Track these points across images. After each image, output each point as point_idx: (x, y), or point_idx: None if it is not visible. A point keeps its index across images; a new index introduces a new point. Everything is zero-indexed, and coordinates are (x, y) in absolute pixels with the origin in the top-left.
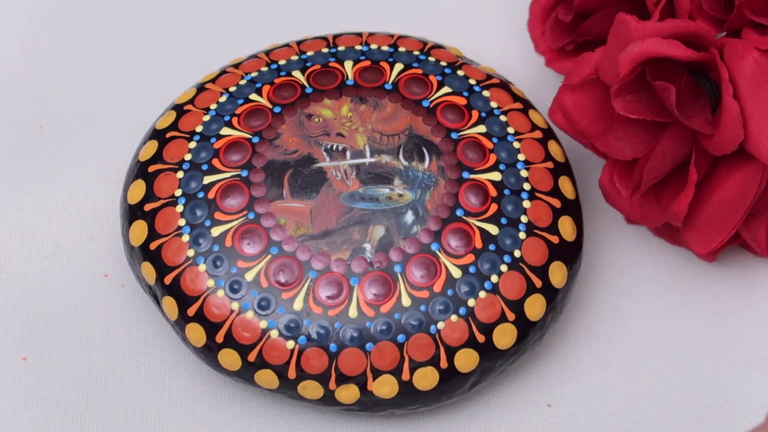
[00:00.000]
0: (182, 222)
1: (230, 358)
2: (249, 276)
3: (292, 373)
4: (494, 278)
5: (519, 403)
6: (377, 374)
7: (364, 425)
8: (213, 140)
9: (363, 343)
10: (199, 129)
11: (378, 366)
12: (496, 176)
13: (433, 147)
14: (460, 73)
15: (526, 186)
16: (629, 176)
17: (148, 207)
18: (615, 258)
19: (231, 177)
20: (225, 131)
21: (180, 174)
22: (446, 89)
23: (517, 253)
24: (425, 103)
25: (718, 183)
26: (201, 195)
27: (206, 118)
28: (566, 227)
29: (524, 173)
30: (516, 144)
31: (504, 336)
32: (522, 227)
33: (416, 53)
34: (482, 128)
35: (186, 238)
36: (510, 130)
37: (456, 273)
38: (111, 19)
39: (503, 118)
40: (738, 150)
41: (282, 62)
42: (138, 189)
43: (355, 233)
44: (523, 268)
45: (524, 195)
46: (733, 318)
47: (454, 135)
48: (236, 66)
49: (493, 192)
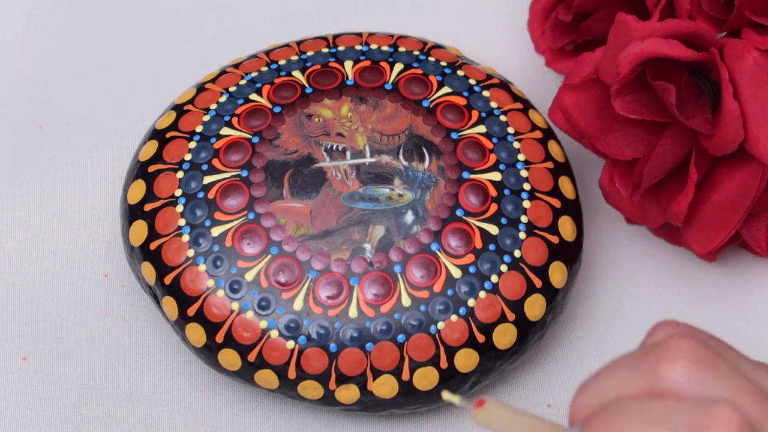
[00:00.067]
0: (182, 222)
1: (230, 358)
2: (249, 276)
3: (292, 373)
4: (494, 278)
5: (519, 403)
6: (377, 374)
7: (364, 425)
8: (213, 140)
9: (363, 343)
10: (199, 129)
11: (378, 366)
12: (496, 176)
13: (433, 147)
14: (460, 73)
15: (526, 186)
16: (629, 176)
17: (148, 207)
18: (615, 258)
19: (231, 177)
20: (225, 131)
21: (180, 174)
22: (446, 89)
23: (517, 253)
24: (425, 103)
25: (718, 183)
26: (201, 195)
27: (206, 118)
28: (566, 227)
29: (524, 173)
30: (516, 144)
31: (504, 336)
32: (522, 227)
33: (416, 53)
34: (482, 128)
35: (186, 238)
36: (510, 130)
37: (456, 273)
38: (111, 19)
39: (503, 118)
40: (738, 150)
41: (282, 62)
42: (138, 189)
43: (355, 233)
44: (523, 268)
45: (524, 195)
46: (733, 318)
47: (454, 135)
48: (236, 66)
49: (493, 192)
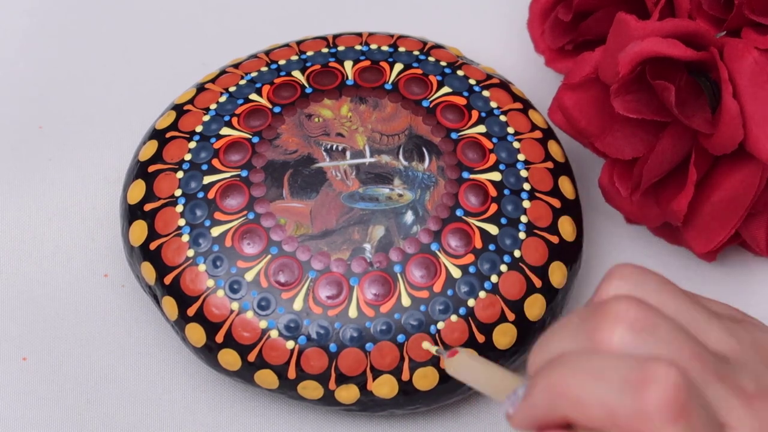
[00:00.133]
0: (182, 222)
1: (230, 358)
2: (249, 276)
3: (292, 373)
4: (494, 278)
5: None
6: (377, 374)
7: (364, 425)
8: (213, 140)
9: (363, 343)
10: (199, 129)
11: (378, 366)
12: (496, 176)
13: (433, 147)
14: (460, 73)
15: (526, 186)
16: (629, 176)
17: (148, 207)
18: (615, 258)
19: (231, 177)
20: (225, 131)
21: (180, 174)
22: (446, 89)
23: (517, 253)
24: (425, 103)
25: (718, 183)
26: (201, 195)
27: (206, 118)
28: (566, 227)
29: (524, 173)
30: (516, 144)
31: (504, 336)
32: (522, 227)
33: (416, 53)
34: (482, 128)
35: (186, 238)
36: (510, 130)
37: (456, 273)
38: (111, 19)
39: (503, 118)
40: (738, 150)
41: (282, 62)
42: (138, 189)
43: (355, 233)
44: (523, 268)
45: (524, 195)
46: None
47: (454, 135)
48: (236, 66)
49: (493, 192)
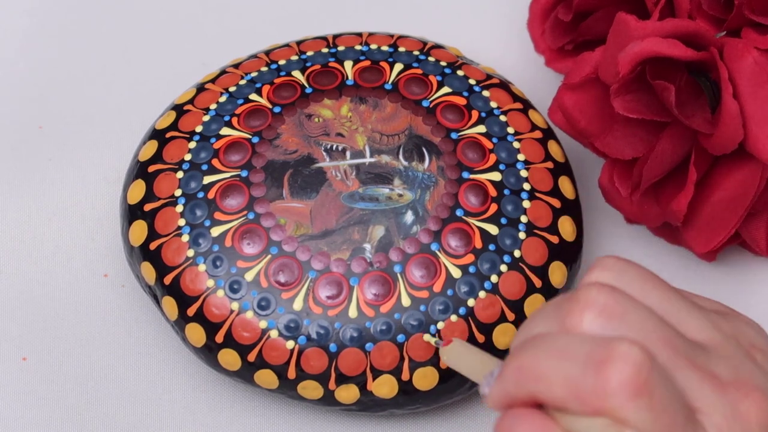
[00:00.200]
0: (182, 222)
1: (230, 358)
2: (249, 276)
3: (292, 373)
4: (494, 278)
5: None
6: (377, 374)
7: (364, 425)
8: (213, 140)
9: (363, 343)
10: (199, 129)
11: (378, 366)
12: (496, 176)
13: (433, 147)
14: (460, 73)
15: (526, 186)
16: (629, 176)
17: (148, 207)
18: None
19: (231, 177)
20: (225, 131)
21: (180, 174)
22: (446, 89)
23: (517, 253)
24: (425, 103)
25: (718, 183)
26: (201, 195)
27: (206, 118)
28: (566, 227)
29: (524, 173)
30: (516, 144)
31: (504, 336)
32: (522, 227)
33: (416, 53)
34: (482, 128)
35: (186, 238)
36: (510, 130)
37: (456, 273)
38: (111, 19)
39: (503, 118)
40: (738, 150)
41: (282, 62)
42: (138, 189)
43: (355, 233)
44: (523, 268)
45: (524, 195)
46: None
47: (454, 135)
48: (236, 66)
49: (493, 192)
